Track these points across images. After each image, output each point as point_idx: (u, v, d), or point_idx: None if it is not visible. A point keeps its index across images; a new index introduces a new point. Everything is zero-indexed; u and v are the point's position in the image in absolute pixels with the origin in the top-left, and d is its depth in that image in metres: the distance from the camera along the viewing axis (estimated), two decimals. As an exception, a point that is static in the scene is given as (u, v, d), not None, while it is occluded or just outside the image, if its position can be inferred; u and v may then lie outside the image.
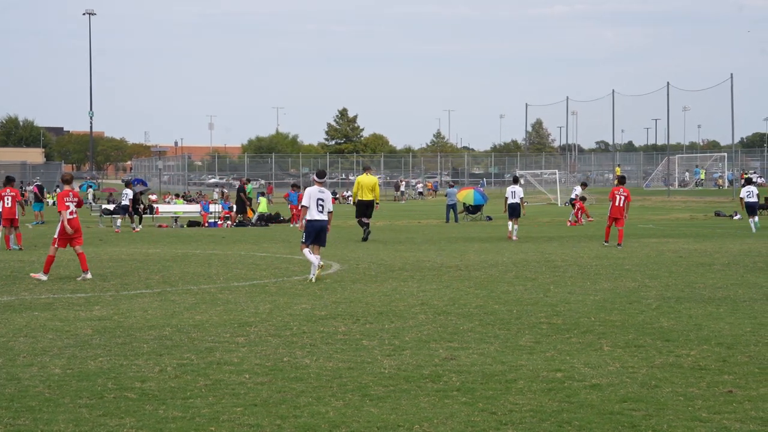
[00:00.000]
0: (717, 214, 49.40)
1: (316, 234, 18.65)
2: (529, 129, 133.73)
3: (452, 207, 46.87)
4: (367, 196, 31.17)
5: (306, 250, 18.59)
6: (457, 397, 8.77)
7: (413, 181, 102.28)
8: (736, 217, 47.24)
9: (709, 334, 11.94)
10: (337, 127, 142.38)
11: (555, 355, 10.69)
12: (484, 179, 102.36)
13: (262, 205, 46.55)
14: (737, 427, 7.63)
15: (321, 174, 20.20)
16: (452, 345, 11.40)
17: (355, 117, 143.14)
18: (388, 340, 11.73)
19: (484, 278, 18.78)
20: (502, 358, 10.58)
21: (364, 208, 31.24)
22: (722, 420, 7.84)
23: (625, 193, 27.45)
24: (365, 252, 26.12)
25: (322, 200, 18.82)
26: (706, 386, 9.05)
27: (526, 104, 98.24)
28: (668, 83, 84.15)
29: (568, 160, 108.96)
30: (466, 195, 49.71)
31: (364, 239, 30.41)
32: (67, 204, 18.58)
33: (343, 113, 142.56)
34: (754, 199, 35.74)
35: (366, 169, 34.49)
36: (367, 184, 31.51)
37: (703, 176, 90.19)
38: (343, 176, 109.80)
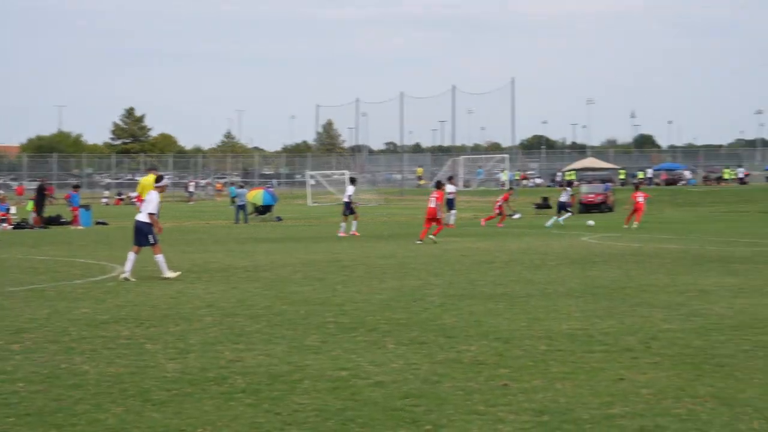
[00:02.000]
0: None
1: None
2: (320, 130, 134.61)
3: (242, 208, 46.58)
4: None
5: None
6: (242, 399, 8.73)
7: (203, 182, 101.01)
8: (515, 216, 49.10)
9: (488, 329, 12.36)
10: (124, 126, 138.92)
11: (341, 354, 10.80)
12: (275, 180, 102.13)
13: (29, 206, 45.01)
14: (512, 419, 7.93)
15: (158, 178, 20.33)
16: (238, 347, 11.34)
17: (143, 116, 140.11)
18: (172, 344, 11.54)
19: (272, 279, 18.78)
20: (289, 358, 10.60)
21: None
22: (498, 412, 8.13)
23: (436, 195, 29.51)
24: (150, 254, 25.56)
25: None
26: (483, 380, 9.37)
27: (317, 105, 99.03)
28: (453, 86, 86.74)
29: (357, 161, 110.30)
30: (255, 195, 49.58)
31: None
32: None
33: (130, 112, 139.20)
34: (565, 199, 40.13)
35: (151, 170, 34.58)
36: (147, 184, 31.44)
37: (505, 177, 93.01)
38: (130, 176, 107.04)
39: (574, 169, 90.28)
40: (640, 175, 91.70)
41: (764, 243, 27.61)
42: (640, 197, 38.69)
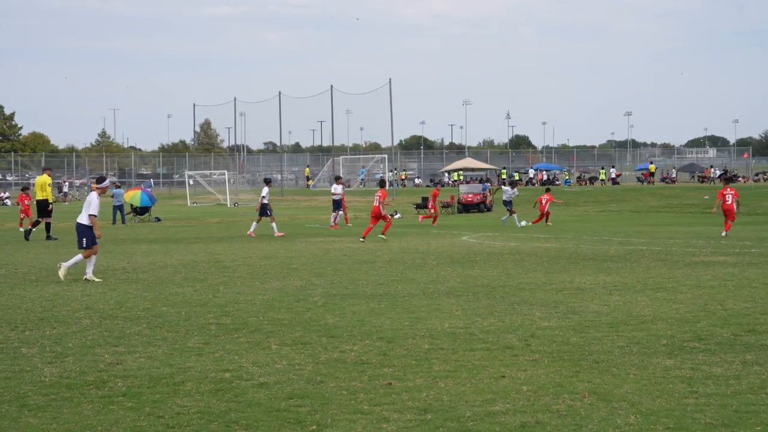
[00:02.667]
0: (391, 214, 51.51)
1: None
2: (198, 129, 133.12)
3: (119, 208, 45.69)
4: (40, 196, 32.59)
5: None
6: (122, 403, 8.56)
7: (77, 182, 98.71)
8: (396, 216, 49.45)
9: (371, 329, 12.41)
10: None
11: (224, 356, 10.70)
12: (152, 180, 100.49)
13: None
14: (396, 417, 7.98)
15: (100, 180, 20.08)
16: (118, 349, 11.13)
17: (12, 114, 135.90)
18: (49, 347, 11.26)
19: (152, 280, 18.49)
20: (170, 360, 10.46)
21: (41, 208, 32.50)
22: (382, 411, 8.17)
23: (380, 194, 31.25)
24: (24, 256, 24.95)
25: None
26: (367, 379, 9.40)
27: (194, 104, 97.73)
28: (332, 86, 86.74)
29: (236, 161, 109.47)
30: (132, 196, 48.71)
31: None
32: None
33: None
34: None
35: (46, 170, 35.17)
36: (39, 183, 33.12)
37: (397, 176, 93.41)
38: (0, 176, 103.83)
39: (458, 169, 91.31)
40: (516, 176, 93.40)
41: (636, 242, 28.42)
42: (545, 198, 39.82)
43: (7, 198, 79.04)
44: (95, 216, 18.80)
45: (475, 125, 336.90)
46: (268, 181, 36.25)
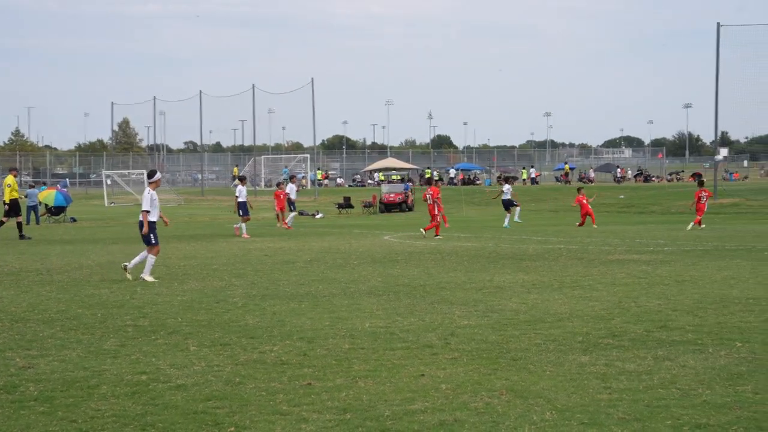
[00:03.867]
0: (301, 213, 51.33)
1: None
2: (116, 128, 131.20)
3: (33, 208, 44.80)
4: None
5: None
6: (34, 407, 8.40)
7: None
8: (317, 216, 49.39)
9: (291, 329, 12.37)
10: None
11: (140, 358, 10.57)
12: (68, 179, 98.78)
13: None
14: (315, 417, 7.97)
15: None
16: (30, 353, 10.92)
17: None
18: (-40, 351, 11.01)
19: (67, 282, 18.19)
20: (85, 363, 10.29)
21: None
22: (301, 412, 8.16)
23: (431, 191, 31.12)
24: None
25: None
26: (287, 380, 9.37)
27: (112, 103, 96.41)
28: (254, 85, 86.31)
29: (156, 160, 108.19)
30: (47, 196, 47.79)
31: None
32: None
33: None
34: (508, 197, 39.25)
35: (12, 170, 35.83)
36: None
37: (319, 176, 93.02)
38: None
39: (380, 169, 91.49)
40: (428, 173, 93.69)
41: (554, 241, 28.80)
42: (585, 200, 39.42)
43: None
44: (146, 212, 18.52)
45: (397, 125, 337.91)
46: (242, 179, 35.92)
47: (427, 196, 32.05)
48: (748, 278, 17.21)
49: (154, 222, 18.75)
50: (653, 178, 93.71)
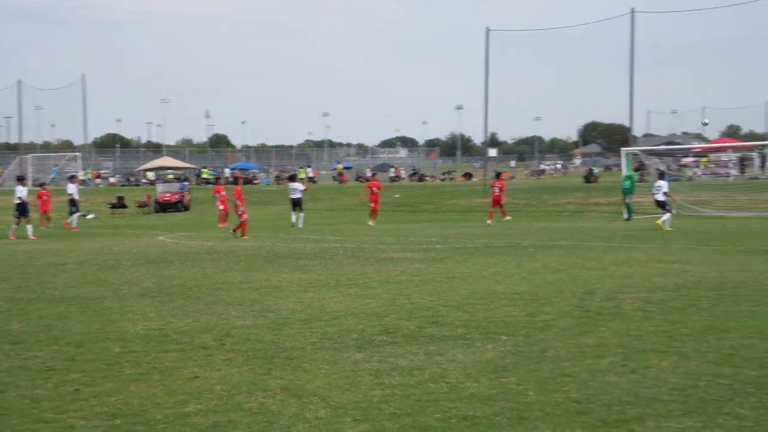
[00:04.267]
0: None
1: None
2: None
3: None
4: None
5: None
6: None
7: None
8: (88, 216, 47.91)
9: (59, 333, 11.93)
10: None
11: None
12: None
13: None
14: (82, 424, 7.72)
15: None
16: None
17: None
18: None
19: None
20: None
21: None
22: (68, 419, 7.88)
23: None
24: None
25: None
26: (53, 386, 9.03)
27: None
28: (20, 81, 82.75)
29: None
30: None
31: None
32: None
33: None
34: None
35: None
36: None
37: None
38: None
39: (155, 168, 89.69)
40: (204, 172, 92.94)
41: (331, 239, 29.07)
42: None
43: None
44: None
45: (174, 124, 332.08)
46: (20, 179, 34.10)
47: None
48: (514, 274, 17.91)
49: None
50: (427, 178, 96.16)
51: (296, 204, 38.35)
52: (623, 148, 44.53)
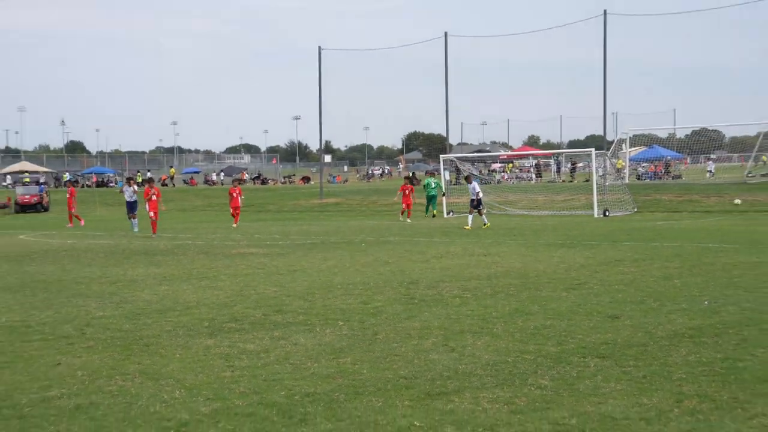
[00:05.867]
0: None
1: None
2: None
3: None
4: None
5: None
6: None
7: None
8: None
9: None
10: None
11: None
12: None
13: None
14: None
15: None
16: None
17: None
18: None
19: None
20: None
21: None
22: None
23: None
24: None
25: None
26: None
27: None
28: None
29: None
30: None
31: None
32: None
33: None
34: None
35: None
36: None
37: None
38: None
39: (15, 172, 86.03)
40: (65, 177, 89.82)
41: (183, 237, 28.57)
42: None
43: None
44: None
45: (31, 130, 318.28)
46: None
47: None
48: (348, 266, 18.07)
49: None
50: (269, 181, 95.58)
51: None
52: (442, 155, 45.37)
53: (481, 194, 31.12)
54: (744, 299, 12.53)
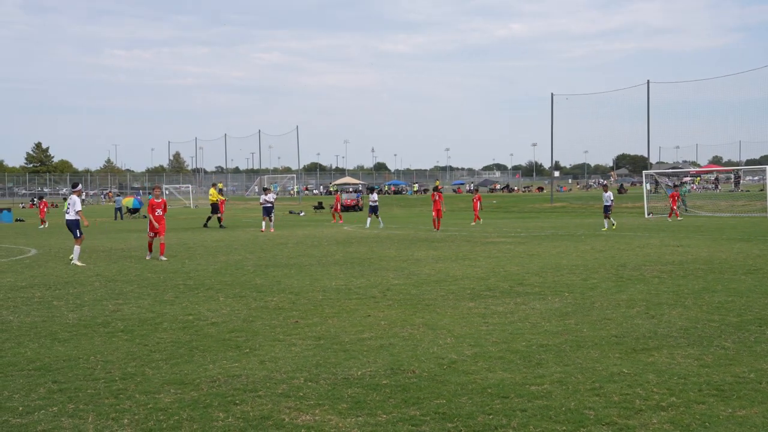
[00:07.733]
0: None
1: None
2: (171, 158, 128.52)
3: (119, 209, 44.15)
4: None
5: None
6: (121, 336, 8.27)
7: (91, 192, 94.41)
8: (301, 214, 48.80)
9: (285, 286, 12.26)
10: (34, 154, 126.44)
11: (188, 305, 10.42)
12: (140, 190, 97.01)
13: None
14: (300, 342, 7.92)
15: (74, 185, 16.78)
16: (118, 302, 10.73)
17: (48, 148, 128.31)
18: (72, 300, 10.78)
19: (140, 256, 17.83)
20: (153, 308, 10.13)
21: None
22: (292, 339, 8.10)
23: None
24: (56, 241, 23.76)
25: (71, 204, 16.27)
26: (282, 319, 9.29)
27: (169, 141, 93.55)
28: (259, 130, 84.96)
29: (197, 179, 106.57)
30: (128, 201, 47.19)
31: None
32: None
33: (38, 145, 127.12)
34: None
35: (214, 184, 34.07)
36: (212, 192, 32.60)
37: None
38: (39, 188, 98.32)
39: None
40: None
41: (452, 230, 28.88)
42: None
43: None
44: (81, 211, 16.38)
45: (351, 155, 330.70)
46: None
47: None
48: (572, 252, 17.44)
49: (77, 220, 16.34)
50: (515, 189, 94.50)
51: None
52: (644, 171, 42.57)
53: (611, 202, 27.32)
54: None
